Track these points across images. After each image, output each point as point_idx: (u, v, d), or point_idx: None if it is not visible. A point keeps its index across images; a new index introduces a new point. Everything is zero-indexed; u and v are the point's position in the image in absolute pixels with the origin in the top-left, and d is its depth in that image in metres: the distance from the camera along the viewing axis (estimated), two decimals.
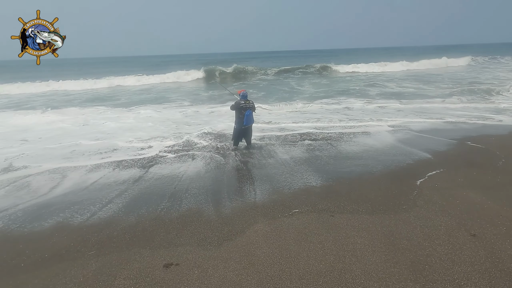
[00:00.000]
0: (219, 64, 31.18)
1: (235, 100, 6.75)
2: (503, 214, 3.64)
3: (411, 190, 4.49)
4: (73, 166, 6.06)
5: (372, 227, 3.50)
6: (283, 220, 3.79)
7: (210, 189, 4.76)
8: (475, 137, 7.15)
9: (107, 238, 3.50)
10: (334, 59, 35.22)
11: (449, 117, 9.35)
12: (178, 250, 3.20)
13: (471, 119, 8.98)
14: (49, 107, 13.21)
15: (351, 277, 2.68)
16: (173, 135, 8.27)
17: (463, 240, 3.15)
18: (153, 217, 3.97)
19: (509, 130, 7.77)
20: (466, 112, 10.07)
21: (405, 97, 13.57)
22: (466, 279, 2.59)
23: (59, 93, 19.26)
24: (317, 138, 7.51)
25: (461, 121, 8.84)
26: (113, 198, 4.54)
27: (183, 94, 17.14)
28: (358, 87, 17.21)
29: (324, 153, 6.34)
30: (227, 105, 11.21)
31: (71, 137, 8.25)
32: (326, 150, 6.53)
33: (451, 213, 3.74)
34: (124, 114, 11.61)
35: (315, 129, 8.38)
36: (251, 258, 3.01)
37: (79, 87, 21.02)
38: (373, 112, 10.63)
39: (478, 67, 28.15)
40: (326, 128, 8.52)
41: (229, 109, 7.02)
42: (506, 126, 8.20)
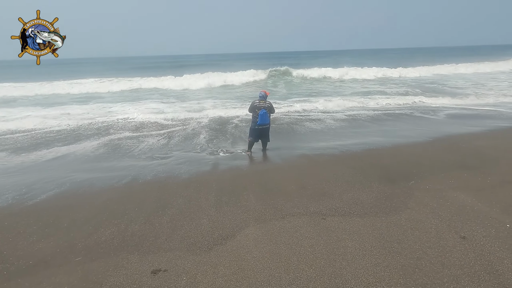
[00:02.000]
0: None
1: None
2: (493, 216, 3.66)
3: (403, 192, 4.50)
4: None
5: (363, 230, 3.49)
6: (274, 223, 3.76)
7: (201, 192, 4.70)
8: (467, 138, 7.22)
9: (95, 243, 3.43)
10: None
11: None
12: (167, 255, 3.15)
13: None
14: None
15: (341, 281, 2.66)
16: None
17: (453, 243, 3.16)
18: (143, 221, 3.91)
19: (502, 131, 7.86)
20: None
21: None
22: (455, 282, 2.59)
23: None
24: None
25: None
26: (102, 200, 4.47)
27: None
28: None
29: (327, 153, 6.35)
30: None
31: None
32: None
33: (442, 215, 3.75)
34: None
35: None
36: (241, 263, 2.97)
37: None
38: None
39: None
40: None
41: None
42: (499, 127, 8.30)
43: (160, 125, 9.97)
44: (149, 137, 8.52)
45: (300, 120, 10.22)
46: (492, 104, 12.53)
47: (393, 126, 9.11)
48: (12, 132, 9.26)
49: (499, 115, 10.18)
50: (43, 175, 5.65)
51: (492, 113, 10.63)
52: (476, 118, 9.74)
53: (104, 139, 8.32)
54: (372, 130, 8.62)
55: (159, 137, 8.49)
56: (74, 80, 24.64)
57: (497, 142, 6.84)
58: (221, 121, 10.25)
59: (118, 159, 6.61)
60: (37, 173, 5.80)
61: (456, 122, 9.32)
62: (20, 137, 8.70)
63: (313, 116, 10.84)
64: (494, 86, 18.06)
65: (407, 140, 7.26)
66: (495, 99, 13.68)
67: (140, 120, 10.63)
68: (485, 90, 16.47)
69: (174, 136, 8.61)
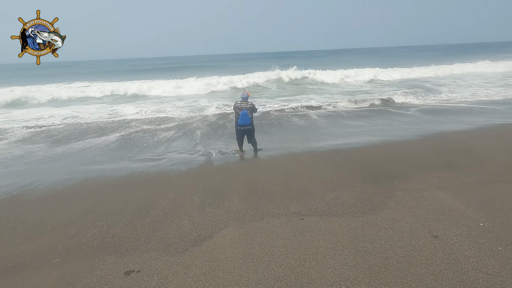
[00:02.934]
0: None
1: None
2: (468, 215, 3.68)
3: (385, 191, 4.53)
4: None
5: (338, 230, 3.54)
6: (253, 224, 3.82)
7: (187, 193, 4.78)
8: (454, 135, 7.20)
9: (75, 245, 3.52)
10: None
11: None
12: (143, 256, 3.23)
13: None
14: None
15: (307, 281, 2.71)
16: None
17: (424, 242, 3.19)
18: (125, 223, 3.99)
19: (491, 130, 7.82)
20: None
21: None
22: (418, 281, 2.62)
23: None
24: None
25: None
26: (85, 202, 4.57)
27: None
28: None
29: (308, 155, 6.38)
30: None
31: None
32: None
33: (418, 214, 3.77)
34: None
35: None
36: (213, 264, 3.04)
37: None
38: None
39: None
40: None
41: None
42: (487, 125, 8.25)
43: (155, 126, 10.09)
44: (142, 138, 8.64)
45: (286, 116, 10.31)
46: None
47: (384, 125, 9.11)
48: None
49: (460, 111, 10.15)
50: (36, 177, 5.78)
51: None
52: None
53: (99, 140, 8.45)
54: (362, 128, 8.64)
55: (153, 138, 8.59)
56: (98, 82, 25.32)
57: (486, 140, 6.82)
58: (214, 121, 10.35)
59: (111, 161, 6.72)
60: (32, 175, 5.93)
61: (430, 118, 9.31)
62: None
63: (301, 112, 11.08)
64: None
65: (395, 139, 7.27)
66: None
67: (134, 121, 10.77)
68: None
69: (169, 137, 8.72)
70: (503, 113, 10.15)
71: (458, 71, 24.39)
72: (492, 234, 3.26)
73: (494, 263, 2.81)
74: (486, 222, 3.49)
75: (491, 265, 2.78)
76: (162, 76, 27.52)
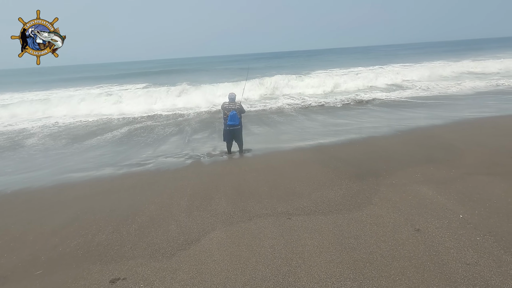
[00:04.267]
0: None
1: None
2: (449, 207, 3.80)
3: (370, 188, 4.62)
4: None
5: (324, 228, 3.59)
6: (240, 225, 3.82)
7: (174, 198, 4.74)
8: (435, 130, 7.42)
9: (58, 255, 3.44)
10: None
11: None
12: (129, 263, 3.19)
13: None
14: None
15: (293, 280, 2.74)
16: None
17: (406, 235, 3.27)
18: (111, 230, 3.93)
19: (471, 124, 8.10)
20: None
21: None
22: (401, 274, 2.69)
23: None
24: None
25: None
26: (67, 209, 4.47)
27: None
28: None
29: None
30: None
31: None
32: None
33: (401, 209, 3.87)
34: None
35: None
36: (200, 267, 3.03)
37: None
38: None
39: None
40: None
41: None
42: (469, 120, 8.54)
43: (144, 128, 9.95)
44: (130, 142, 8.51)
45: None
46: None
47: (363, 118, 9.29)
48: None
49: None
50: (16, 186, 5.60)
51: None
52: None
53: (86, 143, 8.27)
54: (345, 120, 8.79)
55: (141, 142, 8.48)
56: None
57: (465, 134, 7.05)
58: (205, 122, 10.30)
59: (97, 168, 6.58)
60: (11, 184, 5.74)
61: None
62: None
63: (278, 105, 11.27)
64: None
65: (378, 134, 7.43)
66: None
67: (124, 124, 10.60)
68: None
69: (157, 139, 8.62)
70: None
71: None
72: (471, 225, 3.38)
73: (473, 253, 2.92)
74: (465, 214, 3.62)
75: (469, 255, 2.89)
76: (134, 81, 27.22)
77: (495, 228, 3.29)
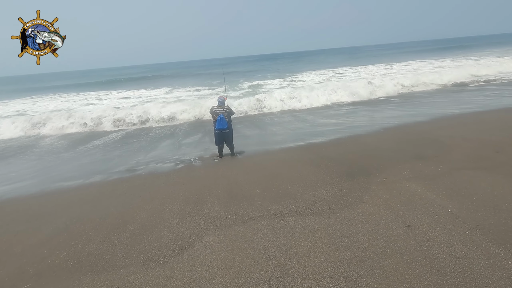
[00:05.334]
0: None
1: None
2: (438, 203, 3.88)
3: (361, 186, 4.67)
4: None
5: (317, 228, 3.60)
6: (234, 229, 3.80)
7: (166, 204, 4.68)
8: (424, 127, 7.58)
9: (47, 267, 3.35)
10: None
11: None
12: (121, 272, 3.13)
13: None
14: None
15: (288, 281, 2.74)
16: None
17: (398, 232, 3.32)
18: (101, 240, 3.85)
19: (458, 120, 8.30)
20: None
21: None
22: (394, 270, 2.72)
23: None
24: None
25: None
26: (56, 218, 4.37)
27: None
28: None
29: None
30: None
31: None
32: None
33: (392, 206, 3.93)
34: None
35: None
36: (194, 273, 2.99)
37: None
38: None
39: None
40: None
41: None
42: (455, 116, 8.76)
43: (133, 134, 9.82)
44: (119, 148, 8.38)
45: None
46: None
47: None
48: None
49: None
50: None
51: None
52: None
53: (76, 149, 8.10)
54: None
55: (131, 147, 8.36)
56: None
57: (453, 130, 7.22)
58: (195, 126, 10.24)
59: (86, 176, 6.45)
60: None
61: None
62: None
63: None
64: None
65: (365, 133, 7.54)
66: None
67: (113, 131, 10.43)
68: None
69: (147, 145, 8.51)
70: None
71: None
72: (460, 219, 3.46)
73: (462, 246, 2.98)
74: (454, 208, 3.70)
75: (459, 248, 2.95)
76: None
77: (483, 221, 3.37)
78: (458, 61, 26.87)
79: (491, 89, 13.44)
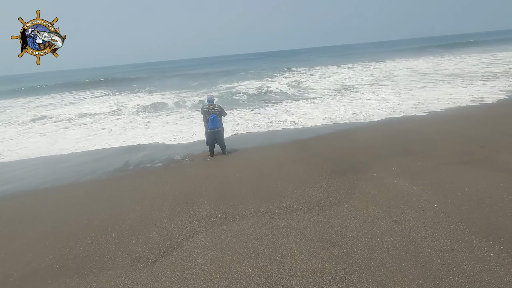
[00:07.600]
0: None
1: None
2: (424, 198, 3.95)
3: (350, 183, 4.71)
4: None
5: (306, 225, 3.62)
6: (223, 228, 3.79)
7: (156, 204, 4.64)
8: (411, 123, 7.70)
9: (32, 272, 3.27)
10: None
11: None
12: (108, 274, 3.08)
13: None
14: None
15: (276, 279, 2.75)
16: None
17: (385, 227, 3.36)
18: (89, 242, 3.79)
19: (445, 117, 8.46)
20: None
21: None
22: (380, 265, 2.76)
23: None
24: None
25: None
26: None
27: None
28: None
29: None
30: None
31: None
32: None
33: (380, 202, 3.98)
34: None
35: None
36: (182, 273, 2.98)
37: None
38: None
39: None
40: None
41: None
42: (442, 112, 8.93)
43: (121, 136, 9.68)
44: (109, 151, 8.25)
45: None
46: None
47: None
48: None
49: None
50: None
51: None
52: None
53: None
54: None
55: (120, 149, 8.25)
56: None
57: (440, 126, 7.36)
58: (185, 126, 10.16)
59: (73, 178, 6.34)
60: None
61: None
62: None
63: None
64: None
65: (356, 129, 7.63)
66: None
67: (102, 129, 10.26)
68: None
69: (136, 147, 8.40)
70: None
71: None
72: (444, 213, 3.53)
73: (447, 240, 3.04)
74: (439, 203, 3.77)
75: (443, 242, 3.01)
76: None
77: (467, 215, 3.45)
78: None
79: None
